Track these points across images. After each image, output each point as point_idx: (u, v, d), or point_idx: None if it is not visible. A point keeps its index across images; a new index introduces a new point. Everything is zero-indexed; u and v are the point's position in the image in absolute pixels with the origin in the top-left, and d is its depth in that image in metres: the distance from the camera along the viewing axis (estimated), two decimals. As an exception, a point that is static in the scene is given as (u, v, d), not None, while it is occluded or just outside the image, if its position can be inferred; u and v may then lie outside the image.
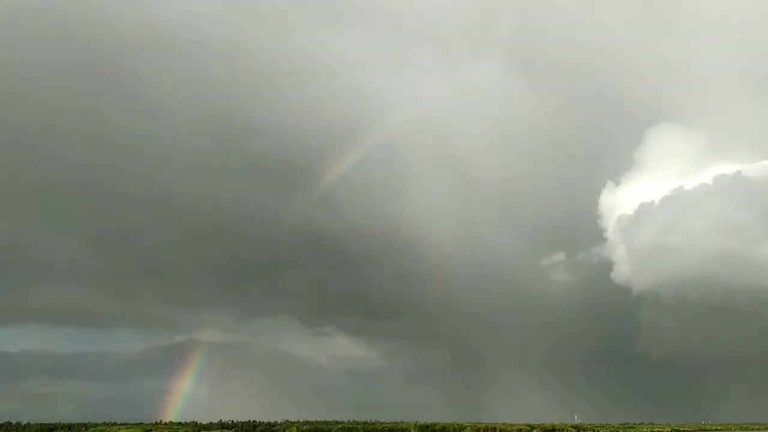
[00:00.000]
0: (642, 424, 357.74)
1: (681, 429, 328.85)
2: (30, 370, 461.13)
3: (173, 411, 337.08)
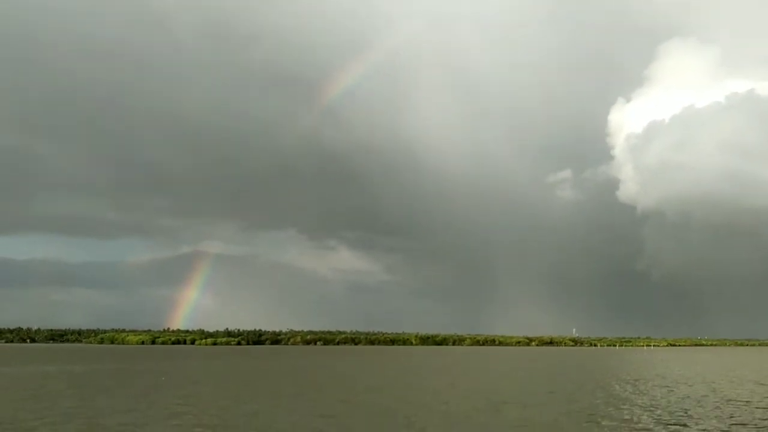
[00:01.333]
0: (639, 338, 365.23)
1: (677, 344, 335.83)
2: (38, 278, 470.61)
3: (180, 319, 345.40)
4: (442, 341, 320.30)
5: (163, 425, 22.84)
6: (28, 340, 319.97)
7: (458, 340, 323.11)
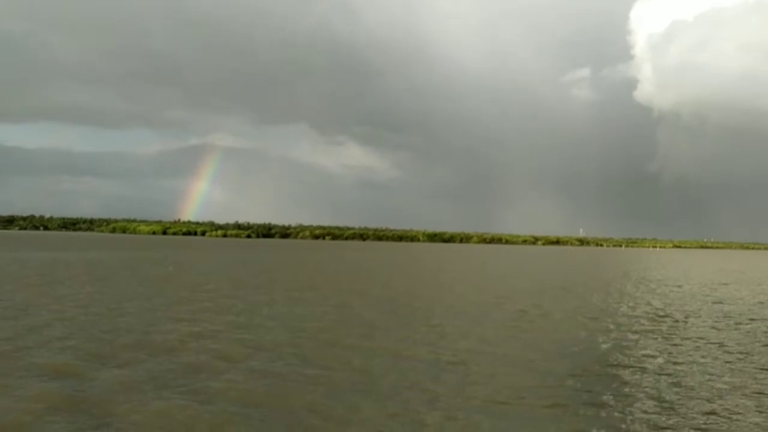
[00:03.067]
0: (645, 239, 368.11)
1: (683, 245, 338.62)
2: (49, 166, 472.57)
3: (190, 211, 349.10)
4: (449, 239, 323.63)
5: (173, 310, 22.19)
6: (41, 228, 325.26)
7: (465, 238, 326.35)
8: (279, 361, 14.79)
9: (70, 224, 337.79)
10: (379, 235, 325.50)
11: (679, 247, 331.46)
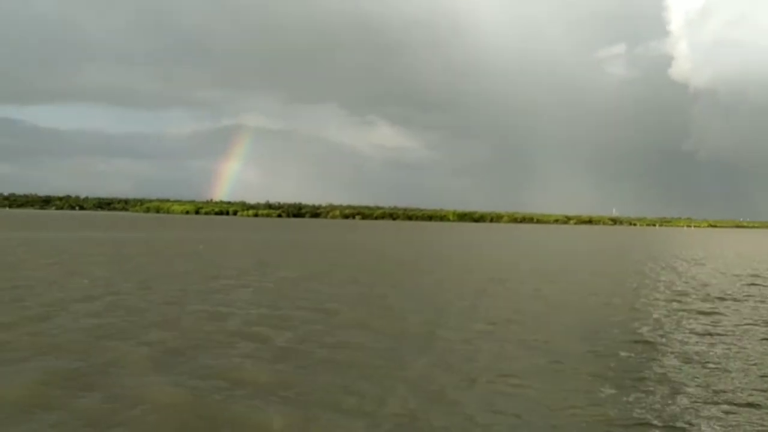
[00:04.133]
0: (679, 218, 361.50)
1: (717, 225, 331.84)
2: (84, 147, 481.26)
3: (223, 191, 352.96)
4: (479, 218, 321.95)
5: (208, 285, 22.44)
6: (77, 208, 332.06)
7: (496, 218, 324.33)
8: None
9: (105, 204, 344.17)
10: (409, 215, 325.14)
11: (714, 226, 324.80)
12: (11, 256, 35.43)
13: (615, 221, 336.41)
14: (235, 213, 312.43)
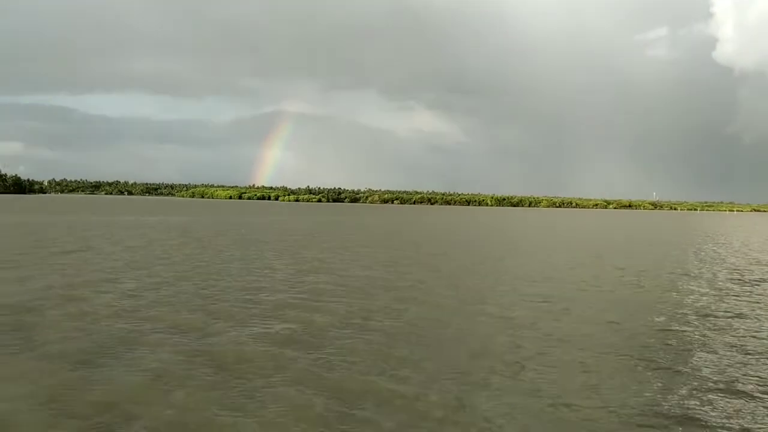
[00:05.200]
0: (722, 203, 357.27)
1: (761, 209, 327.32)
2: (132, 134, 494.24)
3: (264, 176, 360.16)
4: (518, 203, 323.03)
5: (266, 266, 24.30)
6: (125, 193, 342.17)
7: (534, 202, 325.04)
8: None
9: (153, 189, 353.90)
10: (447, 200, 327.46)
11: (758, 210, 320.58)
12: (141, 238, 38.86)
13: (655, 206, 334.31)
14: (276, 198, 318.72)
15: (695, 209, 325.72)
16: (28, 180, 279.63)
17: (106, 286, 17.58)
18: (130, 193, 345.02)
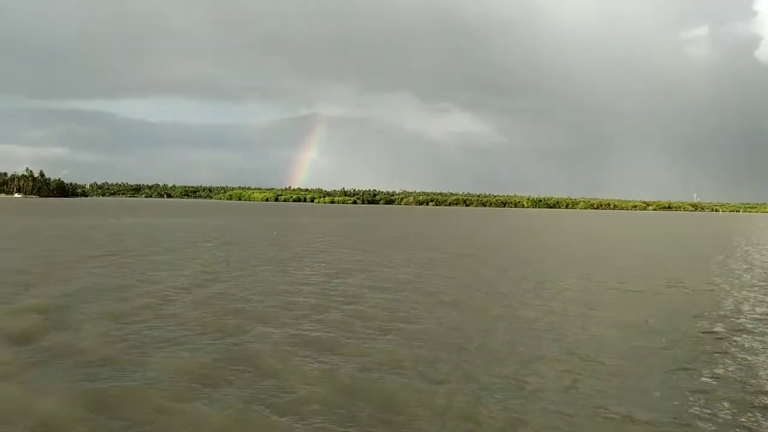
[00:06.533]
0: (765, 204, 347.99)
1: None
2: (171, 139, 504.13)
3: (300, 178, 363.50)
4: (554, 204, 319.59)
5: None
6: (165, 196, 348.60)
7: (572, 204, 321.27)
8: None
9: (191, 192, 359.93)
10: (483, 201, 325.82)
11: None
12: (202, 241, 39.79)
13: (696, 207, 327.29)
14: (312, 200, 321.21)
15: (737, 211, 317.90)
16: (71, 183, 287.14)
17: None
18: (169, 195, 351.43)
